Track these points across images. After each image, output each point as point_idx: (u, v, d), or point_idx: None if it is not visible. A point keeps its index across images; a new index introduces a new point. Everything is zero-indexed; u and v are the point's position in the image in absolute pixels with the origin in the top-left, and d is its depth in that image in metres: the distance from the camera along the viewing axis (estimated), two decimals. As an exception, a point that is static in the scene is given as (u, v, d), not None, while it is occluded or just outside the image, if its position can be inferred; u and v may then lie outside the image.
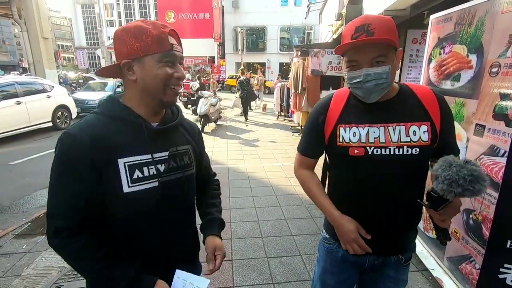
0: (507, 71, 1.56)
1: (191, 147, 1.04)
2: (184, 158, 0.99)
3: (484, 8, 1.76)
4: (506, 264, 1.57)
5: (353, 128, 1.01)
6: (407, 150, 0.97)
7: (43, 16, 10.90)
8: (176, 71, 0.88)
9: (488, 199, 1.65)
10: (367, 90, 0.94)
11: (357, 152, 1.00)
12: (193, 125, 1.13)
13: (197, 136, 1.12)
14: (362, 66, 0.92)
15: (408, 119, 0.98)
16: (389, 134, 0.98)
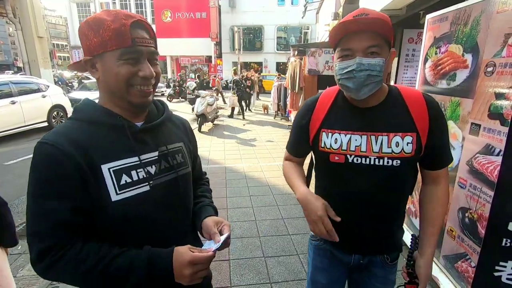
0: (502, 70, 1.57)
1: (184, 144, 0.97)
2: (177, 157, 0.91)
3: (479, 8, 1.77)
4: (501, 262, 1.59)
5: (335, 134, 0.99)
6: (387, 161, 0.94)
7: (38, 15, 10.80)
8: (141, 69, 0.77)
9: (484, 197, 1.67)
10: (358, 82, 0.89)
11: (337, 159, 0.98)
12: (183, 120, 1.06)
13: (189, 132, 1.05)
14: (356, 55, 0.88)
15: (391, 129, 0.94)
16: (371, 144, 0.95)
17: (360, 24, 0.86)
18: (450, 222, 2.00)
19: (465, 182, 1.84)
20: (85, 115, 0.81)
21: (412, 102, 0.96)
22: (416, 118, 0.94)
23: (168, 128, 0.95)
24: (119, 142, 0.80)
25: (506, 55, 1.55)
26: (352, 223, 1.01)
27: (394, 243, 1.10)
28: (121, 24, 0.74)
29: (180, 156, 0.93)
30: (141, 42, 0.77)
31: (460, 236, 1.89)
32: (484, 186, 1.67)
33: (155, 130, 0.88)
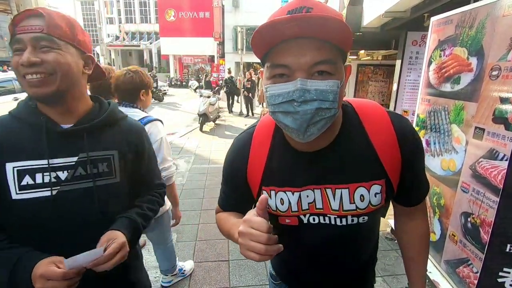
0: (508, 74, 1.55)
1: (117, 153, 0.89)
2: (100, 166, 0.85)
3: (485, 11, 1.76)
4: (505, 268, 1.57)
5: (280, 193, 0.74)
6: (352, 220, 0.72)
7: (42, 12, 10.84)
8: (21, 56, 0.73)
9: (487, 202, 1.65)
10: (302, 119, 0.58)
11: (288, 222, 0.76)
12: (134, 127, 0.98)
13: (138, 141, 0.97)
14: (296, 76, 0.58)
15: (353, 179, 0.69)
16: (328, 200, 0.71)
17: (302, 26, 0.54)
18: (452, 227, 1.98)
19: (468, 187, 1.82)
20: (16, 110, 0.83)
21: (377, 132, 0.69)
22: (384, 159, 0.69)
23: (102, 134, 0.88)
24: (33, 143, 0.78)
25: (512, 59, 1.53)
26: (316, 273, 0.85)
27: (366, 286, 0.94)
28: (14, 17, 0.76)
29: (105, 165, 0.86)
30: (21, 30, 0.74)
31: (462, 241, 1.87)
32: (487, 191, 1.65)
33: (82, 134, 0.83)
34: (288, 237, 0.77)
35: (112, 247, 0.78)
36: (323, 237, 0.76)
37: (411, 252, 0.86)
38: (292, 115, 0.59)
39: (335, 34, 0.57)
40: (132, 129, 0.97)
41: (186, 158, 5.58)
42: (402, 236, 0.88)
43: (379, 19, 3.93)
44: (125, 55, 37.33)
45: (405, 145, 0.70)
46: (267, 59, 0.63)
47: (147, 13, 34.98)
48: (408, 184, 0.75)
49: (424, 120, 2.42)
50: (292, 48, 0.58)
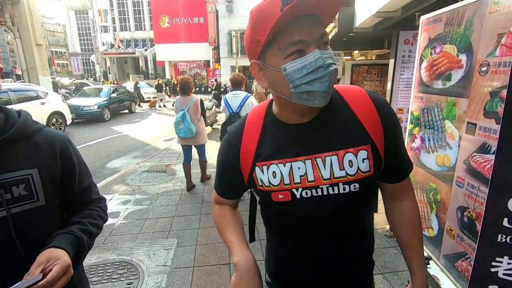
0: (496, 69, 1.59)
1: (38, 171, 0.75)
2: (14, 190, 0.72)
3: (472, 8, 1.80)
4: (497, 258, 1.59)
5: (272, 166, 0.76)
6: (343, 188, 0.74)
7: (36, 23, 10.88)
8: None
9: (481, 196, 1.67)
10: (329, 81, 0.66)
11: (282, 198, 0.76)
12: (56, 138, 0.82)
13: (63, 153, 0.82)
14: (310, 49, 0.65)
15: (341, 146, 0.73)
16: (319, 169, 0.74)
17: (311, 5, 0.62)
18: (449, 222, 2.00)
19: (463, 181, 1.85)
20: None
21: (357, 104, 0.76)
22: (367, 125, 0.74)
23: (15, 151, 0.74)
24: None
25: (500, 55, 1.57)
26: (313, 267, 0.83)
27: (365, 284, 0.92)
28: None
29: (21, 187, 0.73)
30: None
31: (459, 235, 1.89)
32: (481, 185, 1.68)
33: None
34: (283, 217, 0.81)
35: (54, 271, 0.65)
36: (317, 210, 0.76)
37: (406, 237, 0.86)
38: (319, 80, 0.66)
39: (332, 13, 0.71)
40: (53, 140, 0.82)
41: (185, 163, 5.59)
42: (394, 222, 0.89)
43: (371, 19, 3.98)
44: (121, 62, 37.36)
45: (382, 112, 0.76)
46: (276, 41, 0.66)
47: (142, 20, 35.11)
48: (392, 154, 0.78)
49: (418, 117, 2.45)
50: (303, 25, 0.65)
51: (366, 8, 4.04)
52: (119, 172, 5.21)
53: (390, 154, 0.78)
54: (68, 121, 8.89)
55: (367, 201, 0.83)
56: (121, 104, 13.12)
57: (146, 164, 5.60)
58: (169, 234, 3.10)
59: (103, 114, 11.17)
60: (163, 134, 8.65)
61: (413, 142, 2.51)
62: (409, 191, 0.88)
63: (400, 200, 0.87)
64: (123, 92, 13.81)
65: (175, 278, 2.40)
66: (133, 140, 8.07)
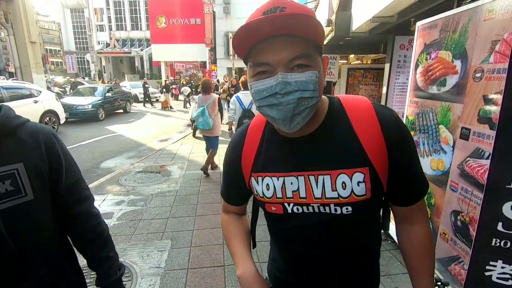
0: (490, 76, 1.61)
1: (23, 166, 0.74)
2: (1, 185, 0.71)
3: (467, 15, 1.83)
4: (491, 262, 1.61)
5: (266, 179, 0.76)
6: (334, 210, 0.70)
7: (30, 20, 10.76)
8: None
9: (475, 200, 1.69)
10: (287, 109, 0.62)
11: (274, 210, 0.76)
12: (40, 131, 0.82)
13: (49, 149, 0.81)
14: (277, 71, 0.62)
15: (334, 166, 0.69)
16: (311, 187, 0.71)
17: (276, 25, 0.59)
18: (442, 225, 2.02)
19: (457, 186, 1.87)
20: None
21: (359, 120, 0.70)
22: (367, 145, 0.68)
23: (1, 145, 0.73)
24: None
25: (494, 61, 1.59)
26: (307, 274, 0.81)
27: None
28: None
29: (7, 183, 0.72)
30: None
31: (452, 239, 1.91)
32: (475, 189, 1.70)
33: None
34: (278, 229, 0.83)
35: None
36: (309, 227, 0.74)
37: (414, 262, 0.79)
38: (276, 107, 0.64)
39: (308, 29, 0.62)
40: (37, 134, 0.81)
41: (180, 164, 5.55)
42: (403, 244, 0.81)
43: (368, 24, 4.02)
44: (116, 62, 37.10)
45: (388, 133, 0.69)
46: (249, 59, 0.67)
47: (138, 20, 34.97)
48: (401, 176, 0.72)
49: (413, 122, 2.48)
50: (270, 46, 0.62)
51: (362, 13, 4.08)
52: (113, 172, 5.16)
53: (398, 176, 0.71)
54: (61, 120, 8.78)
55: (366, 225, 0.77)
56: (116, 103, 13.02)
57: (140, 164, 5.55)
58: (163, 235, 3.08)
59: (98, 113, 11.07)
60: (158, 135, 8.60)
61: (408, 146, 2.54)
62: (422, 215, 0.79)
63: (412, 224, 0.78)
64: (118, 91, 13.71)
65: (169, 280, 2.38)
66: (128, 140, 8.00)
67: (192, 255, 2.73)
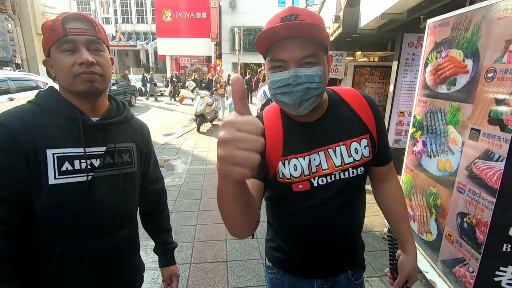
0: (503, 76, 1.58)
1: (135, 146, 1.01)
2: (124, 156, 0.96)
3: (480, 13, 1.78)
4: (501, 267, 1.59)
5: (293, 160, 0.86)
6: (352, 172, 0.87)
7: (37, 12, 10.78)
8: (79, 56, 0.81)
9: (483, 202, 1.67)
10: (296, 96, 0.77)
11: (301, 187, 0.87)
12: (142, 124, 1.11)
13: (146, 137, 1.09)
14: (290, 66, 0.76)
15: (347, 137, 0.87)
16: (331, 158, 0.86)
17: (291, 30, 0.74)
18: (448, 227, 2.00)
19: (464, 187, 1.84)
20: (44, 101, 0.86)
21: (355, 101, 0.92)
22: (364, 118, 0.90)
23: (123, 128, 0.99)
24: (69, 132, 0.84)
25: (507, 61, 1.55)
26: (315, 247, 0.94)
27: (357, 259, 1.03)
28: (54, 20, 0.82)
29: (127, 155, 0.97)
30: (74, 32, 0.82)
31: (458, 241, 1.89)
32: (483, 192, 1.67)
33: (108, 128, 0.92)
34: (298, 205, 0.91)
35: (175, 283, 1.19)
36: (332, 196, 0.88)
37: (396, 211, 1.00)
38: (288, 94, 0.79)
39: (316, 33, 0.76)
40: (141, 126, 1.09)
41: (184, 159, 5.56)
42: (385, 200, 1.02)
43: (376, 21, 3.96)
44: (122, 55, 37.12)
45: (373, 109, 0.93)
46: (268, 55, 0.81)
47: (144, 13, 34.85)
48: (381, 141, 0.93)
49: (420, 121, 2.44)
50: (286, 46, 0.77)
51: (371, 10, 4.01)
52: (118, 165, 5.19)
53: (380, 140, 0.93)
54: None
55: (362, 188, 0.97)
56: (121, 97, 13.05)
57: (144, 158, 5.58)
58: (167, 229, 3.09)
59: (103, 106, 11.10)
60: (162, 129, 8.62)
61: (415, 146, 2.51)
62: (394, 174, 1.03)
63: (388, 181, 1.02)
64: (123, 85, 13.74)
65: (172, 274, 2.40)
66: (132, 134, 8.03)
67: (195, 250, 2.74)
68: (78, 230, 0.86)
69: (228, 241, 2.88)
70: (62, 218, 0.83)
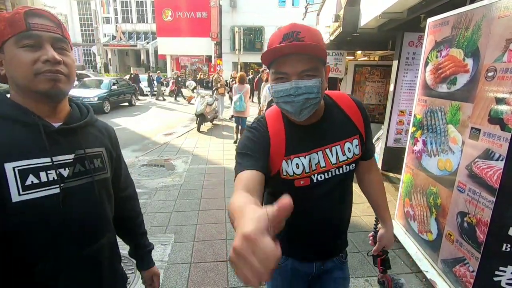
0: (503, 75, 1.57)
1: (105, 150, 0.95)
2: (95, 162, 0.90)
3: (481, 12, 1.78)
4: (501, 267, 1.59)
5: (295, 159, 0.96)
6: (346, 168, 1.00)
7: (38, 12, 10.77)
8: (43, 54, 0.74)
9: (483, 202, 1.67)
10: (297, 105, 0.87)
11: (303, 183, 0.98)
12: (109, 128, 1.03)
13: (114, 141, 1.03)
14: (292, 79, 0.85)
15: (341, 138, 0.99)
16: (328, 157, 0.98)
17: (293, 48, 0.83)
18: (448, 227, 2.00)
19: (464, 187, 1.84)
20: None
21: (347, 107, 1.04)
22: (354, 120, 1.03)
23: (90, 132, 0.92)
24: (31, 142, 0.76)
25: (507, 60, 1.55)
26: (318, 235, 1.06)
27: (345, 241, 1.18)
28: (15, 13, 0.74)
29: (98, 161, 0.91)
30: (38, 27, 0.74)
31: (458, 241, 1.89)
32: (483, 191, 1.67)
33: (74, 133, 0.85)
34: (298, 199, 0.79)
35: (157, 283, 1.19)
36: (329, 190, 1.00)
37: (377, 199, 1.19)
38: (290, 103, 0.88)
39: (314, 50, 0.85)
40: (107, 128, 1.03)
41: (184, 159, 5.56)
42: (368, 190, 1.21)
43: (376, 20, 3.95)
44: (122, 55, 37.13)
45: (362, 112, 1.05)
46: (271, 67, 0.90)
47: (144, 12, 34.84)
48: (367, 139, 1.06)
49: (420, 121, 2.44)
50: (288, 61, 0.85)
51: (371, 9, 4.00)
52: (118, 165, 5.20)
53: (367, 138, 1.06)
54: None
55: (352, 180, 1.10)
56: (122, 96, 13.06)
57: (145, 158, 5.58)
58: (167, 229, 3.10)
59: (103, 106, 11.09)
60: (162, 129, 8.62)
61: (415, 145, 2.51)
62: (376, 166, 1.21)
63: (370, 173, 1.19)
64: (124, 84, 13.73)
65: (172, 274, 2.40)
66: (133, 134, 8.03)
67: (195, 250, 2.74)
68: (55, 245, 0.79)
69: (228, 241, 2.88)
70: (37, 235, 0.77)
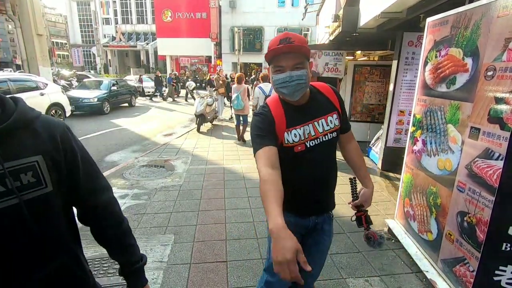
0: (503, 74, 1.57)
1: (42, 158, 0.75)
2: (23, 177, 0.72)
3: (480, 12, 1.77)
4: (501, 266, 1.58)
5: (294, 131, 1.29)
6: (330, 136, 1.34)
7: (37, 13, 10.78)
8: None
9: (483, 201, 1.66)
10: (291, 88, 1.21)
11: (300, 149, 1.30)
12: (53, 125, 0.82)
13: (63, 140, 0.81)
14: (286, 70, 1.20)
15: (325, 113, 1.33)
16: (316, 128, 1.31)
17: (286, 49, 1.18)
18: (448, 226, 1.99)
19: (464, 186, 1.84)
20: None
21: (327, 92, 1.39)
22: (333, 101, 1.38)
23: (16, 139, 0.73)
24: None
25: (507, 60, 1.55)
26: (313, 193, 1.37)
27: (334, 202, 1.48)
28: None
29: (29, 175, 0.73)
30: None
31: (458, 240, 1.88)
32: (483, 190, 1.67)
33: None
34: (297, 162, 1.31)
35: None
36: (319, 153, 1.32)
37: (358, 164, 1.50)
38: (286, 87, 1.22)
39: (301, 50, 1.21)
40: (52, 127, 0.81)
41: (184, 159, 5.56)
42: (349, 157, 1.53)
43: (376, 19, 3.95)
44: (122, 55, 37.15)
45: (337, 95, 1.41)
46: (272, 63, 1.26)
47: (144, 13, 34.87)
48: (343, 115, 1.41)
49: (420, 120, 2.44)
50: (283, 58, 1.21)
51: (370, 9, 4.00)
52: (118, 166, 5.19)
53: (343, 113, 1.41)
54: (67, 113, 8.83)
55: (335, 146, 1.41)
56: (121, 97, 13.06)
57: (144, 158, 5.57)
58: (167, 230, 3.09)
59: (103, 107, 11.10)
60: (162, 129, 8.61)
61: (415, 145, 2.50)
62: (353, 137, 1.53)
63: (350, 142, 1.51)
64: (123, 85, 13.74)
65: (172, 275, 2.39)
66: (132, 134, 8.03)
67: (195, 250, 2.74)
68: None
69: (228, 241, 2.87)
70: None
